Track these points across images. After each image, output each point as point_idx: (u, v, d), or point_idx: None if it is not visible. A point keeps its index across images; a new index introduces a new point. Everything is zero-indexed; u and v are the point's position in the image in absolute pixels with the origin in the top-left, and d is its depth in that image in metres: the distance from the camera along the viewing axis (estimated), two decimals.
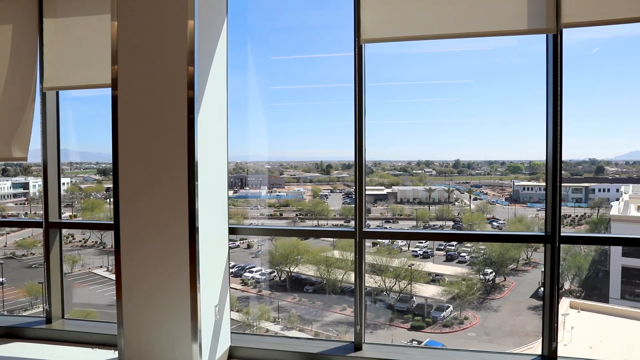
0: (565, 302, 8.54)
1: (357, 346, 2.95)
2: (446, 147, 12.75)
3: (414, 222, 11.31)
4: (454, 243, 10.58)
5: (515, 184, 11.54)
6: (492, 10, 2.65)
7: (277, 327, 9.49)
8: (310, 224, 11.29)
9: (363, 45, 2.85)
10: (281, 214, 11.34)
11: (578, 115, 11.41)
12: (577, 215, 10.78)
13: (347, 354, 2.91)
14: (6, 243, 10.87)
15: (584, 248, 9.97)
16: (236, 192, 11.14)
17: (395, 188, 11.68)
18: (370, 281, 9.81)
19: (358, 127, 2.86)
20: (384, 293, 9.85)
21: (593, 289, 9.83)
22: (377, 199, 11.57)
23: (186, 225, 2.62)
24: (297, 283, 10.32)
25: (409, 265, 10.01)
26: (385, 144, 12.23)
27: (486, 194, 11.81)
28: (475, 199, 11.71)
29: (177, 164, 2.62)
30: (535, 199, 11.23)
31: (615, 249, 9.35)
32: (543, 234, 2.72)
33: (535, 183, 11.41)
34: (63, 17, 3.33)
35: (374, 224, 11.13)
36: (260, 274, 10.41)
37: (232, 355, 3.06)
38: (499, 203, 11.57)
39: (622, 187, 10.60)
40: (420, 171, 12.18)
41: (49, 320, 3.52)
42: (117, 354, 2.83)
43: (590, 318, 8.20)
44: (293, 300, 10.08)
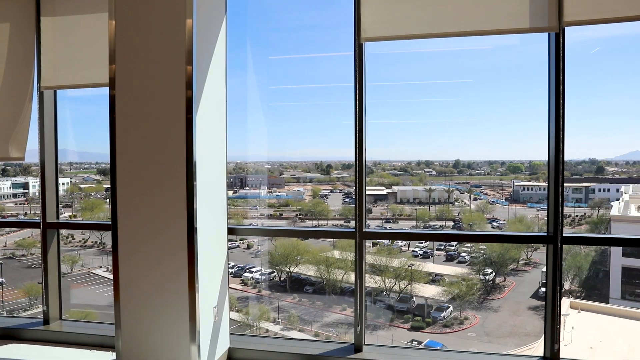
0: (565, 302, 8.51)
1: (357, 348, 2.93)
2: (446, 147, 12.73)
3: (414, 222, 11.28)
4: (454, 243, 10.56)
5: (515, 184, 11.52)
6: (494, 8, 2.62)
7: (277, 328, 9.46)
8: (310, 224, 11.26)
9: (363, 44, 2.83)
10: (281, 214, 11.32)
11: (578, 115, 11.37)
12: (577, 216, 10.76)
13: (347, 356, 2.89)
14: (6, 243, 10.84)
15: (584, 248, 9.95)
16: (236, 192, 11.11)
17: (395, 188, 11.65)
18: (370, 281, 9.79)
19: (358, 126, 2.84)
20: (384, 293, 9.82)
21: (593, 289, 9.80)
22: (377, 199, 11.55)
23: (185, 225, 2.60)
24: (297, 283, 10.30)
25: (409, 266, 9.98)
26: (385, 144, 12.20)
27: (486, 194, 11.78)
28: (475, 199, 11.69)
29: (175, 164, 2.60)
30: (535, 199, 11.20)
31: (616, 249, 9.32)
32: (545, 234, 2.70)
33: (535, 183, 11.39)
34: (61, 15, 3.31)
35: (374, 224, 11.11)
36: (260, 274, 10.39)
37: (231, 357, 3.04)
38: (499, 203, 11.54)
39: (622, 187, 10.57)
40: (420, 171, 12.15)
41: (46, 321, 3.49)
42: (114, 355, 2.81)
43: (590, 318, 8.18)
44: (293, 300, 10.05)
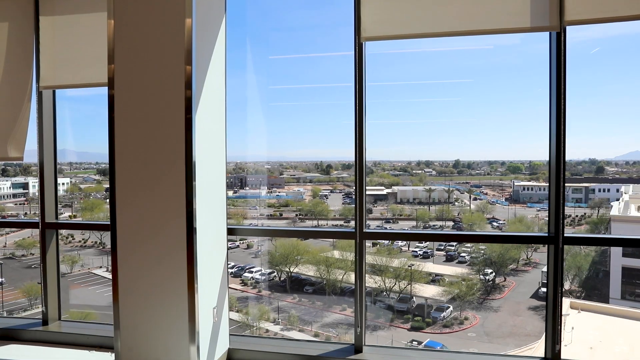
0: (565, 302, 8.49)
1: (358, 348, 2.92)
2: (446, 147, 12.73)
3: (414, 222, 11.28)
4: (454, 243, 10.55)
5: (515, 184, 11.52)
6: (494, 7, 2.61)
7: (277, 328, 9.45)
8: (310, 224, 11.25)
9: (363, 43, 2.82)
10: (281, 214, 11.31)
11: (578, 115, 11.36)
12: (577, 216, 10.75)
13: (347, 357, 2.87)
14: (5, 243, 10.84)
15: (584, 248, 9.94)
16: (236, 192, 11.11)
17: (395, 188, 11.65)
18: (370, 281, 9.78)
19: (358, 126, 2.83)
20: (384, 293, 9.81)
21: (593, 289, 9.79)
22: (377, 199, 11.54)
23: (184, 226, 2.59)
24: (297, 283, 10.29)
25: (409, 266, 9.98)
26: (385, 144, 12.20)
27: (486, 194, 11.78)
28: (475, 199, 11.68)
29: (174, 164, 2.59)
30: (535, 199, 11.20)
31: (616, 249, 9.31)
32: (546, 234, 2.68)
33: (535, 183, 11.39)
34: (60, 15, 3.29)
35: (373, 224, 11.10)
36: (260, 274, 10.38)
37: (230, 358, 3.02)
38: (499, 203, 11.54)
39: (622, 187, 10.57)
40: (420, 171, 12.15)
41: (45, 322, 3.48)
42: (113, 356, 2.79)
43: (590, 318, 8.17)
44: (293, 300, 10.04)
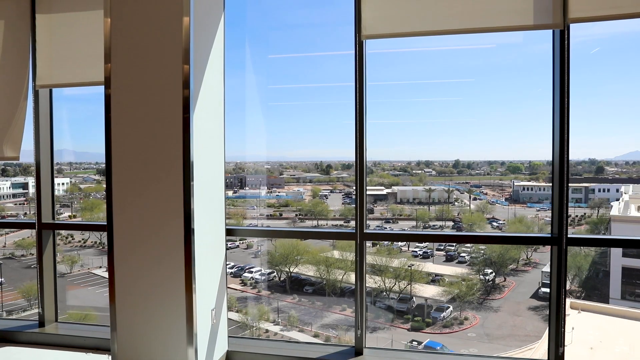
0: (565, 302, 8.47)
1: (358, 351, 2.89)
2: (446, 147, 12.69)
3: (413, 222, 11.24)
4: (454, 243, 10.52)
5: (515, 184, 11.49)
6: (497, 5, 2.58)
7: (276, 328, 9.42)
8: (310, 224, 11.22)
9: (364, 42, 2.79)
10: (281, 214, 11.28)
11: (578, 115, 11.27)
12: (577, 216, 10.73)
13: (347, 359, 2.84)
14: (5, 243, 10.80)
15: (584, 248, 9.91)
16: (235, 192, 11.07)
17: (395, 188, 11.61)
18: (370, 281, 9.75)
19: (359, 125, 2.80)
20: (384, 293, 9.79)
21: (593, 289, 9.77)
22: (377, 199, 11.51)
23: (182, 226, 2.56)
24: (296, 283, 10.26)
25: (408, 266, 9.95)
26: (385, 144, 12.16)
27: (486, 194, 11.75)
28: (475, 199, 11.66)
29: (172, 164, 2.56)
30: (535, 199, 11.18)
31: (616, 249, 9.29)
32: (549, 235, 2.65)
33: (535, 183, 11.37)
34: (56, 13, 3.26)
35: (373, 224, 11.07)
36: (260, 275, 10.35)
37: None
38: (498, 203, 11.51)
39: (622, 187, 10.55)
40: (420, 171, 12.12)
41: (42, 323, 3.44)
42: (110, 358, 2.76)
43: (590, 318, 8.15)
44: (293, 300, 10.01)
